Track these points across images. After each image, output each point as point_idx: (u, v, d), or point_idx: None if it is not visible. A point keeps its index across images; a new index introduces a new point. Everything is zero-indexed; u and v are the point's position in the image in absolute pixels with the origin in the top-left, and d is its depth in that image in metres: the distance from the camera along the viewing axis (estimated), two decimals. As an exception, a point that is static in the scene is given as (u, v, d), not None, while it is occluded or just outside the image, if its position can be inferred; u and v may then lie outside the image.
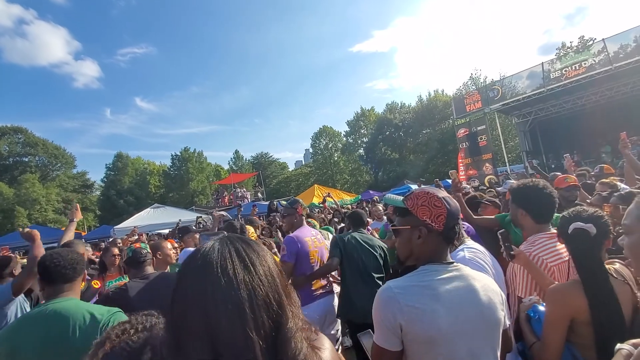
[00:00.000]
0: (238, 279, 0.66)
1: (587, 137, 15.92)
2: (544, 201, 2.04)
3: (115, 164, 45.64)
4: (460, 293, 1.25)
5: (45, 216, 35.53)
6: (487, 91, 17.46)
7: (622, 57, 13.29)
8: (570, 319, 1.49)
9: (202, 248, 0.72)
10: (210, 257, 0.69)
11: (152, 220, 15.54)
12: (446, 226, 1.32)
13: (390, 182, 34.01)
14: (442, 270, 1.29)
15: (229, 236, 0.76)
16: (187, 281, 0.69)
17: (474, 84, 34.71)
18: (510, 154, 25.80)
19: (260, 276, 0.68)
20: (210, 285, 0.65)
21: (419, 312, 1.19)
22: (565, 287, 1.57)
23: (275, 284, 0.70)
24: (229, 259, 0.68)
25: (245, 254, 0.70)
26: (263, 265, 0.71)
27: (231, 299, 0.64)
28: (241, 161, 52.78)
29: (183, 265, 0.72)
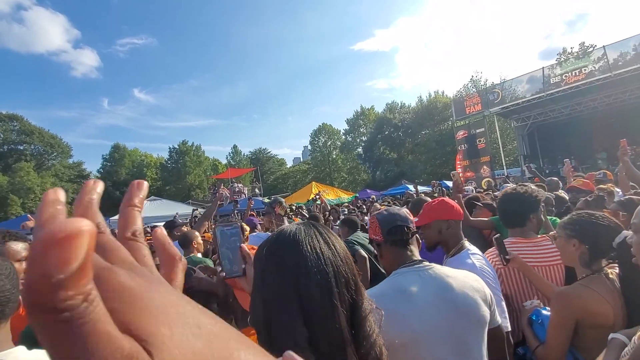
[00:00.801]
0: (325, 256, 0.73)
1: (584, 143, 16.03)
2: (530, 201, 2.17)
3: (112, 155, 45.41)
4: (432, 292, 1.26)
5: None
6: (487, 94, 17.50)
7: (621, 64, 13.38)
8: (576, 321, 1.49)
9: (289, 228, 0.79)
10: (300, 236, 0.76)
11: (148, 213, 15.49)
12: (383, 233, 1.43)
13: (388, 182, 34.08)
14: (413, 272, 1.32)
15: (309, 221, 0.83)
16: (279, 255, 0.75)
17: (475, 86, 34.79)
18: (508, 157, 25.91)
19: (341, 257, 0.76)
20: (302, 259, 0.72)
21: (392, 316, 1.18)
22: (572, 290, 1.57)
23: (352, 266, 0.77)
24: (316, 239, 0.76)
25: (327, 236, 0.78)
26: (342, 248, 0.79)
27: (320, 271, 0.71)
28: (239, 156, 52.63)
29: (271, 243, 0.79)
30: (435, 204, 1.92)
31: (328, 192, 17.87)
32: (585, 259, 1.60)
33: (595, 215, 1.64)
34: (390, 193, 19.38)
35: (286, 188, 44.40)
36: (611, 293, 1.49)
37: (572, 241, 1.64)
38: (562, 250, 1.72)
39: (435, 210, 1.87)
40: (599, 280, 1.54)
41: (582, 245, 1.60)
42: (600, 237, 1.55)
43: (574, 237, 1.63)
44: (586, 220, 1.63)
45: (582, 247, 1.60)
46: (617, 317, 1.45)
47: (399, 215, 1.45)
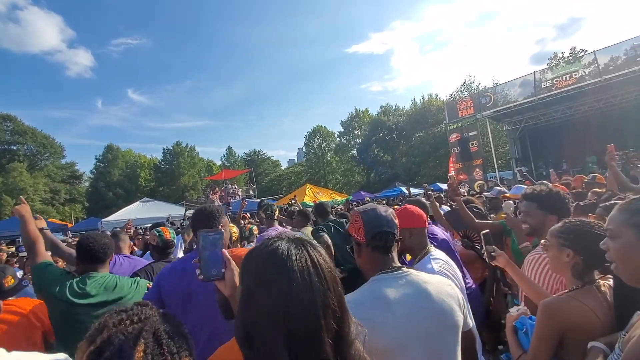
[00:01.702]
0: (314, 286, 0.72)
1: (575, 146, 16.21)
2: (567, 207, 2.13)
3: (105, 155, 45.04)
4: (411, 300, 1.26)
5: (32, 206, 34.50)
6: (479, 97, 17.68)
7: (611, 69, 13.54)
8: (561, 334, 1.43)
9: (280, 249, 0.76)
10: (291, 261, 0.74)
11: (141, 214, 15.42)
12: (367, 236, 1.37)
13: (382, 184, 34.20)
14: (392, 279, 1.31)
15: (300, 240, 0.80)
16: (269, 280, 0.74)
17: (467, 90, 35.10)
18: (500, 160, 26.16)
19: (329, 284, 0.74)
20: (292, 287, 0.71)
21: (371, 324, 1.16)
22: (559, 301, 1.49)
23: (339, 292, 0.76)
24: (306, 264, 0.74)
25: (317, 260, 0.76)
26: (331, 274, 0.77)
27: (308, 301, 0.70)
28: (234, 157, 52.49)
29: (261, 264, 0.77)
30: (398, 212, 1.86)
31: (322, 194, 17.93)
32: (578, 270, 1.52)
33: (590, 223, 1.57)
34: (384, 195, 19.47)
35: (281, 190, 44.34)
36: (601, 306, 1.42)
37: (565, 251, 1.55)
38: (554, 259, 1.63)
39: (398, 219, 1.85)
40: (590, 293, 1.47)
41: (577, 256, 1.51)
42: (597, 247, 1.42)
43: (567, 247, 1.54)
44: (581, 229, 1.54)
45: (577, 258, 1.51)
46: (606, 330, 1.37)
47: (386, 220, 1.40)
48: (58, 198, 39.33)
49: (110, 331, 0.75)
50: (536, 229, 2.17)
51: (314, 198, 15.45)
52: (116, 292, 2.03)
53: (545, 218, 2.07)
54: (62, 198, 39.84)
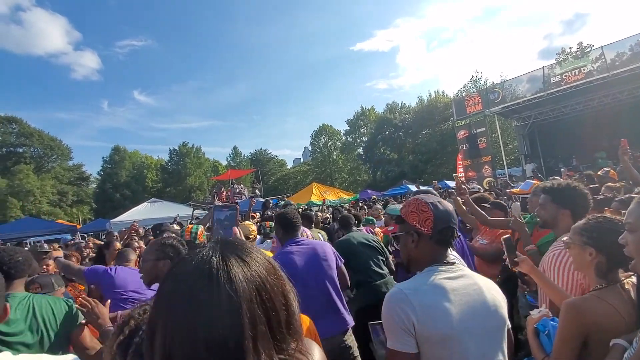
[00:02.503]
0: (198, 313, 0.55)
1: (584, 142, 16.00)
2: (585, 202, 2.08)
3: (112, 157, 45.37)
4: (468, 291, 1.28)
5: (40, 208, 35.22)
6: (487, 93, 17.47)
7: (618, 64, 13.46)
8: (585, 335, 1.38)
9: (200, 256, 0.61)
10: (182, 274, 0.59)
11: (149, 214, 15.45)
12: (434, 230, 1.36)
13: (389, 182, 34.06)
14: (448, 270, 1.33)
15: (221, 246, 0.63)
16: (157, 300, 0.60)
17: (475, 86, 34.78)
18: (509, 156, 25.90)
19: (223, 314, 0.55)
20: (173, 310, 0.56)
21: (432, 310, 1.22)
22: (583, 301, 1.45)
23: (239, 325, 0.55)
24: (198, 284, 0.57)
25: (217, 279, 0.57)
26: (231, 299, 0.56)
27: (188, 333, 0.54)
28: (239, 157, 52.64)
29: (182, 275, 0.61)
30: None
31: (329, 192, 17.86)
32: (601, 269, 1.48)
33: (613, 220, 1.52)
34: (391, 193, 19.37)
35: (287, 189, 44.37)
36: (625, 305, 1.38)
37: (588, 249, 1.50)
38: (577, 258, 1.59)
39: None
40: (614, 292, 1.43)
41: (600, 255, 1.47)
42: (621, 245, 1.39)
43: (590, 246, 1.50)
44: (604, 227, 1.49)
45: (600, 257, 1.47)
46: (630, 330, 1.33)
47: (453, 216, 1.40)
48: (66, 200, 39.70)
49: (137, 320, 0.78)
50: (549, 223, 2.18)
51: (321, 197, 15.37)
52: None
53: (558, 212, 2.09)
54: (69, 200, 40.22)
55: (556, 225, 2.12)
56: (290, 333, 0.63)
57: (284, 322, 0.62)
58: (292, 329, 0.63)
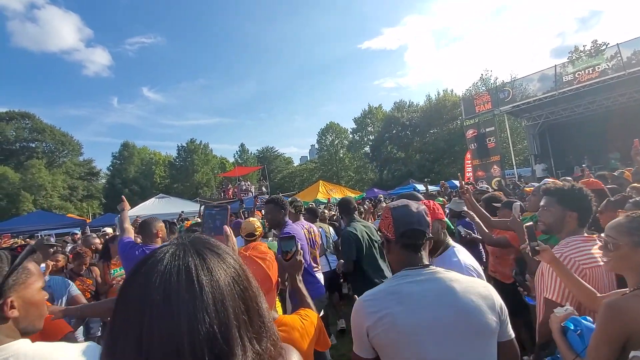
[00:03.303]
0: (180, 307, 0.53)
1: (597, 142, 15.70)
2: (590, 205, 2.02)
3: (121, 152, 45.93)
4: (427, 295, 1.23)
5: (51, 202, 35.82)
6: (497, 92, 17.27)
7: (634, 63, 13.13)
8: (626, 338, 1.30)
9: (151, 256, 0.59)
10: (155, 273, 0.55)
11: (156, 210, 15.58)
12: (396, 234, 1.34)
13: (395, 181, 33.89)
14: (413, 275, 1.29)
15: (186, 243, 0.61)
16: (126, 297, 0.56)
17: (484, 85, 34.38)
18: (518, 156, 25.58)
19: (208, 304, 0.54)
20: (148, 309, 0.52)
21: (379, 317, 1.21)
22: (624, 301, 1.37)
23: (225, 314, 0.55)
24: (175, 278, 0.55)
25: (195, 272, 0.56)
26: (214, 289, 0.55)
27: (169, 329, 0.51)
28: (246, 154, 52.85)
29: (126, 276, 0.58)
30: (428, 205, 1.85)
31: (335, 191, 17.83)
32: None
33: None
34: (398, 192, 19.26)
35: (293, 187, 44.43)
36: None
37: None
38: (622, 259, 1.48)
39: (430, 212, 1.73)
40: None
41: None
42: None
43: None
44: None
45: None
46: None
47: (417, 217, 1.35)
48: (76, 194, 40.31)
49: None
50: (553, 226, 2.09)
51: (327, 195, 15.35)
52: None
53: (565, 214, 1.99)
54: (80, 194, 40.83)
55: (561, 228, 2.03)
56: (266, 328, 0.63)
57: (259, 315, 0.62)
58: (266, 324, 0.63)
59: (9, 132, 39.46)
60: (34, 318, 1.15)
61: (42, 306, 1.23)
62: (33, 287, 1.15)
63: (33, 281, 1.16)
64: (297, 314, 1.47)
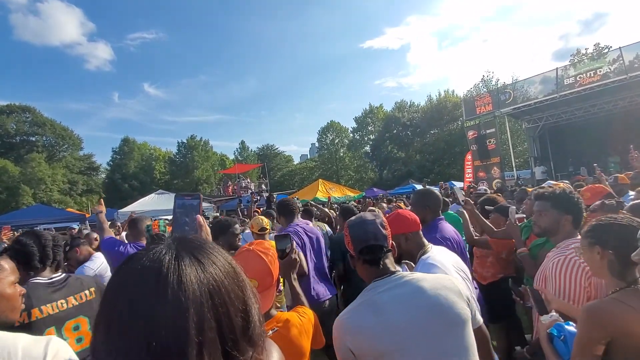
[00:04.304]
0: (139, 314, 0.50)
1: (597, 146, 15.69)
2: (582, 207, 2.06)
3: (121, 148, 45.88)
4: (402, 299, 1.26)
5: (51, 196, 35.82)
6: (498, 94, 17.24)
7: (637, 66, 13.04)
8: (607, 341, 1.32)
9: (137, 255, 0.57)
10: (128, 277, 0.54)
11: (156, 206, 15.60)
12: (355, 250, 1.38)
13: (395, 181, 33.90)
14: (382, 284, 1.32)
15: (177, 243, 0.59)
16: (103, 297, 0.55)
17: (485, 86, 34.34)
18: (518, 159, 25.58)
19: (167, 316, 0.50)
20: (113, 313, 0.52)
21: (361, 331, 1.23)
22: (604, 305, 1.39)
23: (184, 328, 0.50)
24: (145, 282, 0.52)
25: (165, 278, 0.52)
26: (179, 302, 0.51)
27: (128, 336, 0.49)
28: (246, 152, 52.84)
29: (111, 278, 0.57)
30: (390, 219, 1.82)
31: (334, 190, 17.85)
32: (615, 268, 1.43)
33: (614, 217, 1.53)
34: (397, 192, 19.28)
35: (293, 185, 44.44)
36: None
37: (595, 249, 1.48)
38: (589, 262, 1.56)
39: (391, 225, 1.64)
40: (636, 294, 1.36)
41: (606, 251, 1.44)
42: (623, 237, 1.39)
43: (595, 244, 1.48)
44: (605, 224, 1.50)
45: (607, 253, 1.44)
46: None
47: (373, 233, 1.38)
48: (76, 189, 40.30)
49: None
50: (548, 230, 2.12)
51: (326, 194, 15.36)
52: None
53: (560, 217, 2.03)
54: (79, 189, 40.82)
55: (557, 232, 2.06)
56: (247, 341, 0.58)
57: (240, 330, 0.57)
58: (249, 337, 0.59)
59: (10, 126, 39.42)
60: (5, 310, 1.30)
61: (14, 299, 1.35)
62: (4, 282, 1.31)
63: (4, 276, 1.32)
64: (295, 311, 1.48)
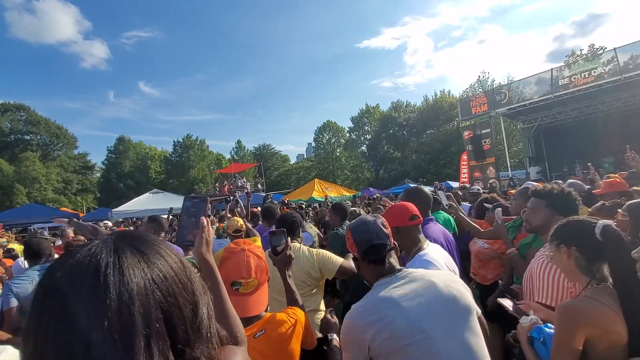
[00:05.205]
0: (77, 308, 0.47)
1: (591, 146, 15.79)
2: (577, 209, 2.06)
3: (116, 147, 45.60)
4: (419, 292, 1.30)
5: (45, 195, 35.54)
6: (493, 94, 17.33)
7: (631, 67, 13.17)
8: (584, 338, 1.33)
9: (74, 250, 0.54)
10: (61, 269, 0.51)
11: (151, 205, 15.54)
12: (360, 252, 1.43)
13: (391, 181, 34.00)
14: (393, 280, 1.35)
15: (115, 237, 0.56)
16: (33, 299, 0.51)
17: (481, 87, 34.52)
18: (513, 159, 25.73)
19: (110, 308, 0.47)
20: (46, 309, 0.48)
21: (384, 325, 1.24)
22: (577, 303, 1.40)
23: (130, 321, 0.48)
24: (80, 276, 0.49)
25: (104, 271, 0.49)
26: (121, 292, 0.49)
27: (63, 333, 0.47)
28: (243, 151, 52.70)
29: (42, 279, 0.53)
30: (384, 212, 1.92)
31: (330, 189, 17.86)
32: (582, 264, 1.46)
33: (575, 217, 1.61)
34: (394, 192, 19.32)
35: (289, 184, 44.42)
36: (620, 305, 1.34)
37: (561, 249, 1.52)
38: (559, 264, 1.59)
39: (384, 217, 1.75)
40: (606, 292, 1.38)
41: (571, 249, 1.49)
42: (582, 233, 1.46)
43: (560, 244, 1.53)
44: (566, 224, 1.57)
45: (572, 251, 1.48)
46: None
47: (375, 233, 1.42)
48: (70, 188, 40.02)
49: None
50: (538, 228, 2.14)
51: (322, 193, 15.38)
52: None
53: (552, 217, 2.03)
54: (74, 188, 40.53)
55: (547, 231, 2.02)
56: (197, 335, 0.57)
57: (190, 322, 0.56)
58: (198, 329, 0.58)
59: (4, 124, 39.03)
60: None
61: None
62: None
63: None
64: (285, 312, 1.49)
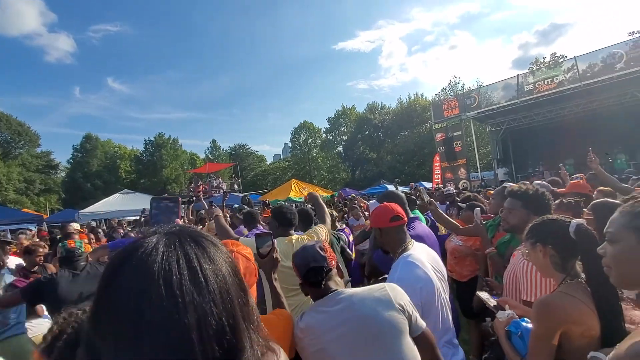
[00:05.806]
0: (186, 299, 0.48)
1: (554, 149, 16.64)
2: (550, 209, 2.14)
3: (83, 145, 43.59)
4: (332, 316, 1.36)
5: (6, 196, 33.50)
6: (464, 98, 17.95)
7: (589, 75, 13.93)
8: (561, 332, 1.37)
9: (141, 246, 0.53)
10: (151, 265, 0.50)
11: (121, 206, 15.05)
12: (301, 276, 1.49)
13: (367, 182, 34.40)
14: (321, 304, 1.42)
15: (178, 232, 0.57)
16: (116, 295, 0.49)
17: (452, 91, 35.59)
18: (482, 160, 26.67)
19: (215, 295, 0.51)
20: (148, 305, 0.47)
21: (303, 346, 1.38)
22: (553, 298, 1.44)
23: (232, 305, 0.53)
24: (176, 270, 0.50)
25: (197, 262, 0.52)
26: (218, 279, 0.53)
27: (175, 325, 0.47)
28: (218, 151, 51.76)
29: (109, 268, 0.53)
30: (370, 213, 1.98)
31: (307, 189, 17.88)
32: (557, 262, 1.51)
33: (549, 216, 1.66)
34: (369, 192, 19.58)
35: (265, 185, 44.07)
36: (592, 299, 1.39)
37: (537, 247, 1.56)
38: (535, 261, 1.63)
39: (369, 219, 1.87)
40: (580, 287, 1.43)
41: (546, 247, 1.53)
42: (557, 232, 1.49)
43: (536, 243, 1.57)
44: (538, 222, 1.62)
45: (547, 249, 1.52)
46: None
47: (312, 257, 1.46)
48: (32, 188, 37.90)
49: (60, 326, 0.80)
50: (515, 227, 2.20)
51: (300, 194, 15.41)
52: None
53: (528, 218, 2.07)
54: (36, 188, 38.43)
55: (523, 230, 2.06)
56: (257, 316, 0.63)
57: (252, 306, 0.60)
58: (256, 314, 0.63)
59: (-41, 120, 36.57)
60: None
61: None
62: None
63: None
64: (273, 314, 1.51)
